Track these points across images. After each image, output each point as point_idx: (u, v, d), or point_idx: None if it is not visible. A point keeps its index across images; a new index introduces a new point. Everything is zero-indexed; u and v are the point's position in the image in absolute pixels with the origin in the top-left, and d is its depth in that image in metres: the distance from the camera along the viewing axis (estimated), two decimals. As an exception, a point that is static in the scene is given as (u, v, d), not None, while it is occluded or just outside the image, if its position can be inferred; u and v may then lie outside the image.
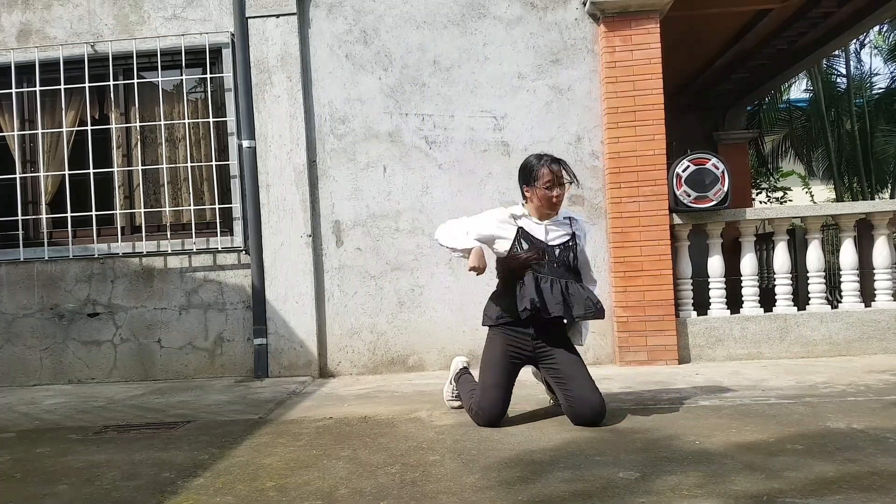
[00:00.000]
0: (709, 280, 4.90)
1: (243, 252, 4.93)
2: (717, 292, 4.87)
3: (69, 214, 4.97)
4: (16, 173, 5.08)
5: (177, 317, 4.95)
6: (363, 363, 4.86)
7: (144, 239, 4.95)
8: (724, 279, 4.93)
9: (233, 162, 4.95)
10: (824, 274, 4.94)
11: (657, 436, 2.75)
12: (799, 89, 14.33)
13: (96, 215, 4.94)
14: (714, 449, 2.53)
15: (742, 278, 4.93)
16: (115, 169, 5.07)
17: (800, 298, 5.32)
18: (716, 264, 4.90)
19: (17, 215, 5.03)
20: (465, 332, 4.73)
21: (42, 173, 5.09)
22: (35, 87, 5.00)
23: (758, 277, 4.97)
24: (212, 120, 4.99)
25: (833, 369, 4.14)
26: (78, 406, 4.07)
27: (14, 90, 5.02)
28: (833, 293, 6.93)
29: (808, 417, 2.96)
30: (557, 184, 3.06)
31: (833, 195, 14.00)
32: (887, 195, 13.03)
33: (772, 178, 14.10)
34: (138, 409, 3.86)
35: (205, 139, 5.08)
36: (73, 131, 5.11)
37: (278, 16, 4.88)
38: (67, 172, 5.08)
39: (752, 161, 12.65)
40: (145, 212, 5.05)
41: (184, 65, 4.98)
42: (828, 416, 2.95)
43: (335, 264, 4.89)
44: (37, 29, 5.08)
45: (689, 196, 4.67)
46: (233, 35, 4.91)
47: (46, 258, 4.99)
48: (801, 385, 3.70)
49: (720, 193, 4.66)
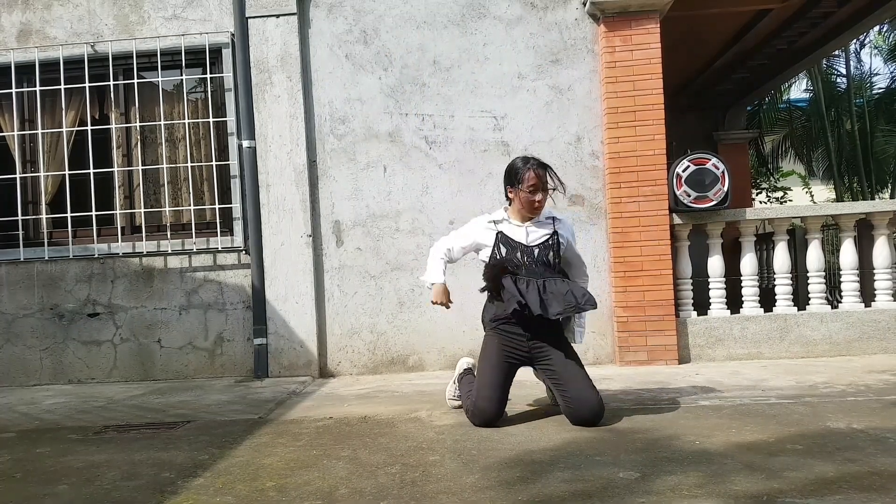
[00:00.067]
0: (709, 280, 4.91)
1: (243, 252, 4.93)
2: (717, 292, 4.87)
3: (69, 214, 4.97)
4: (16, 173, 5.08)
5: (177, 317, 4.95)
6: (363, 363, 4.86)
7: (144, 239, 4.96)
8: (724, 279, 4.93)
9: (233, 162, 4.96)
10: (824, 274, 4.94)
11: (657, 436, 2.75)
12: (799, 89, 14.33)
13: (96, 215, 4.94)
14: (714, 449, 2.53)
15: (742, 278, 4.93)
16: (115, 169, 5.07)
17: (800, 298, 5.32)
18: (716, 264, 4.90)
19: (17, 215, 5.03)
20: (465, 332, 4.73)
21: (42, 173, 5.10)
22: (35, 87, 5.00)
23: (758, 277, 4.97)
24: (212, 120, 4.99)
25: (833, 369, 4.14)
26: (78, 406, 4.07)
27: (14, 90, 5.02)
28: (833, 293, 6.93)
29: (808, 417, 2.96)
30: (541, 188, 3.08)
31: (833, 195, 14.00)
32: (887, 195, 13.03)
33: (772, 178, 14.09)
34: (138, 409, 3.87)
35: (205, 139, 5.08)
36: (73, 131, 5.11)
37: (278, 16, 4.88)
38: (67, 172, 5.08)
39: (752, 161, 12.65)
40: (145, 212, 5.05)
41: (184, 65, 4.98)
42: (828, 416, 2.95)
43: (335, 264, 4.89)
44: (37, 29, 5.08)
45: (689, 196, 4.68)
46: (233, 35, 4.91)
47: (46, 258, 4.99)
48: (801, 385, 3.70)
49: (720, 193, 4.66)
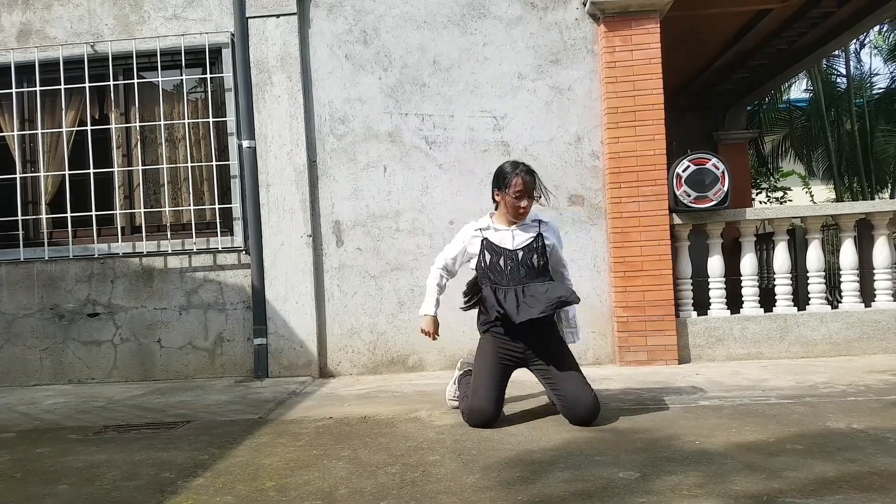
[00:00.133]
0: (709, 280, 4.90)
1: (243, 252, 4.93)
2: (717, 292, 4.87)
3: (69, 214, 4.97)
4: (16, 173, 5.08)
5: (177, 317, 4.95)
6: (363, 363, 4.86)
7: (144, 239, 4.96)
8: (724, 279, 4.93)
9: (233, 162, 4.95)
10: (824, 274, 4.94)
11: (657, 436, 2.75)
12: (799, 89, 14.32)
13: (96, 215, 4.94)
14: (714, 449, 2.53)
15: (742, 278, 4.93)
16: (115, 169, 5.07)
17: (800, 298, 5.32)
18: (716, 264, 4.90)
19: (17, 215, 5.03)
20: (465, 332, 4.72)
21: (42, 173, 5.09)
22: (35, 87, 5.00)
23: (758, 277, 4.97)
24: (212, 120, 4.99)
25: (833, 369, 4.14)
26: (78, 406, 4.07)
27: (14, 90, 5.02)
28: (833, 293, 6.93)
29: (808, 417, 2.96)
30: (527, 195, 3.12)
31: (833, 195, 13.99)
32: (887, 195, 13.02)
33: (772, 178, 14.09)
34: (138, 409, 3.87)
35: (205, 139, 5.08)
36: (73, 131, 5.11)
37: (278, 16, 4.88)
38: (67, 172, 5.08)
39: (752, 161, 12.64)
40: (145, 212, 5.05)
41: (184, 65, 4.98)
42: (828, 416, 2.95)
43: (335, 264, 4.89)
44: (37, 29, 5.08)
45: (689, 196, 4.68)
46: (233, 35, 4.91)
47: (46, 258, 4.99)
48: (801, 385, 3.70)
49: (720, 193, 4.66)
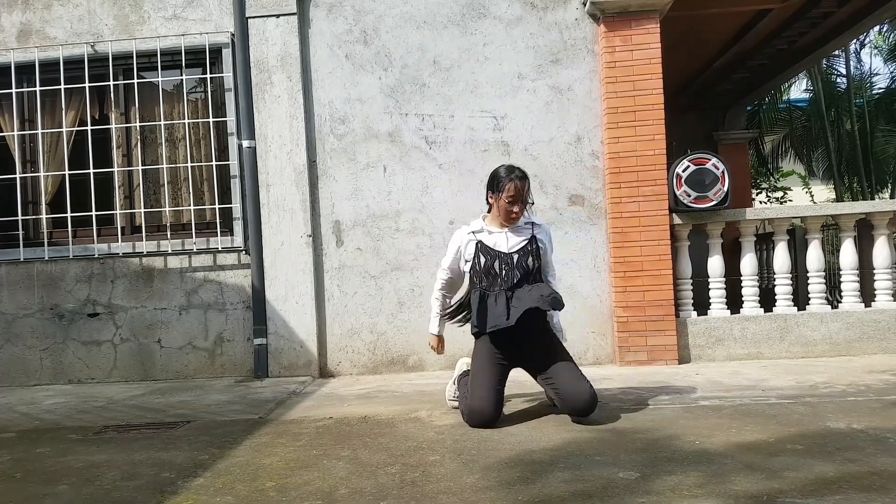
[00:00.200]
0: (709, 280, 4.90)
1: (243, 252, 4.93)
2: (717, 292, 4.87)
3: (69, 214, 4.97)
4: (16, 173, 5.08)
5: (177, 317, 4.95)
6: (363, 363, 4.86)
7: (144, 239, 4.95)
8: (724, 279, 4.93)
9: (233, 162, 4.95)
10: (824, 274, 4.93)
11: (657, 436, 2.75)
12: (799, 89, 14.33)
13: (96, 215, 4.94)
14: (714, 449, 2.53)
15: (742, 278, 4.92)
16: (115, 169, 5.07)
17: (800, 298, 5.32)
18: (716, 264, 4.90)
19: (17, 215, 5.03)
20: (465, 332, 4.68)
21: (42, 173, 5.09)
22: (35, 87, 5.00)
23: (758, 277, 4.97)
24: (212, 120, 4.99)
25: (833, 369, 4.14)
26: (78, 406, 4.07)
27: (14, 90, 5.02)
28: (833, 293, 6.93)
29: (808, 417, 2.96)
30: (519, 200, 3.15)
31: (833, 195, 13.99)
32: (887, 195, 13.02)
33: (772, 178, 14.09)
34: (138, 409, 3.86)
35: (205, 139, 5.08)
36: (73, 131, 5.11)
37: (278, 16, 4.88)
38: (67, 172, 5.08)
39: (752, 161, 12.64)
40: (145, 212, 5.05)
41: (184, 65, 4.98)
42: (828, 416, 2.95)
43: (335, 264, 4.89)
44: (37, 29, 5.08)
45: (689, 196, 4.68)
46: (233, 35, 4.91)
47: (46, 258, 4.99)
48: (801, 385, 3.69)
49: (720, 193, 4.66)
